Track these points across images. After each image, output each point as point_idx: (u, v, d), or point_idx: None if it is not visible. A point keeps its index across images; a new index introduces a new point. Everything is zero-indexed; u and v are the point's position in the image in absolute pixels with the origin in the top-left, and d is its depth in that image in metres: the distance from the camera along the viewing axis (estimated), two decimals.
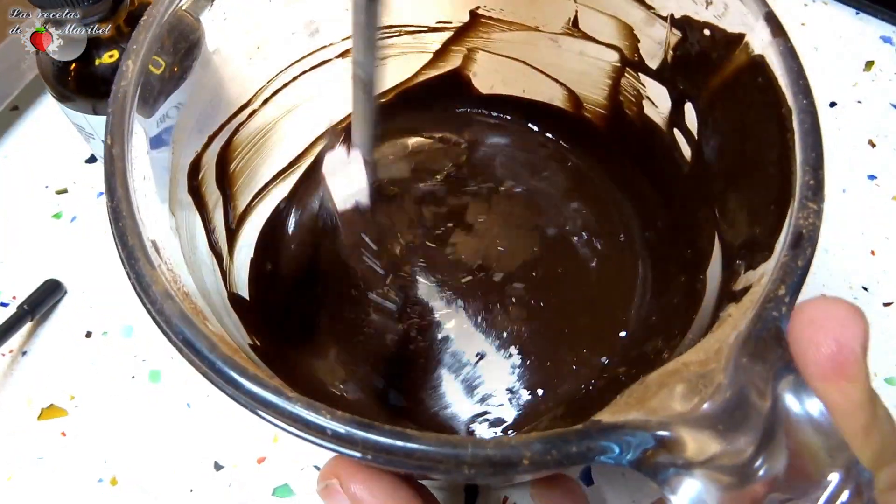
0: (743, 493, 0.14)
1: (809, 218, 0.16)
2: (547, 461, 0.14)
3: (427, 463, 0.14)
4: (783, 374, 0.14)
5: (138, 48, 0.20)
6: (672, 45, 0.23)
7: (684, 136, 0.24)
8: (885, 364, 0.33)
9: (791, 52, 0.19)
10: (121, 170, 0.18)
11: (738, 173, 0.21)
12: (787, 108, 0.18)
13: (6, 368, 0.32)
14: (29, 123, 0.38)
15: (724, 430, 0.14)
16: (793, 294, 0.15)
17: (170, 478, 0.30)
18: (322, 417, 0.15)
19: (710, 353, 0.15)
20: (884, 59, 0.40)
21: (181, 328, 0.16)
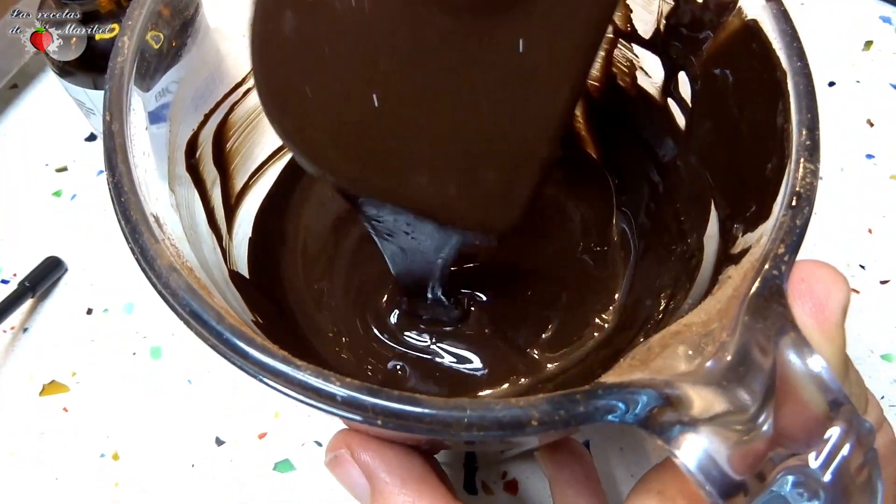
0: (748, 449, 0.14)
1: (807, 178, 0.16)
2: (555, 421, 0.14)
3: (437, 426, 0.14)
4: (785, 332, 0.14)
5: (133, 24, 0.20)
6: (665, 14, 0.23)
7: (678, 105, 0.24)
8: (883, 341, 0.33)
9: (784, 16, 0.19)
10: (121, 145, 0.18)
11: (733, 139, 0.21)
12: (782, 70, 0.18)
13: (7, 345, 0.32)
14: (28, 101, 0.38)
15: (728, 387, 0.14)
16: (792, 253, 0.16)
17: (171, 453, 0.30)
18: (332, 384, 0.15)
19: (711, 314, 0.15)
20: (883, 39, 0.40)
21: (188, 300, 0.16)
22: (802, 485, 0.13)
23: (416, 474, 0.18)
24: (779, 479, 0.14)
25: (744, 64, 0.20)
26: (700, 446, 0.14)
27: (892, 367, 0.32)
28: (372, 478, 0.18)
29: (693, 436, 0.14)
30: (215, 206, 0.25)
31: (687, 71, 0.23)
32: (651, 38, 0.24)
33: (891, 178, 0.37)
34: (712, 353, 0.14)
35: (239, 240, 0.26)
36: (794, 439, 0.14)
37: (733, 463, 0.14)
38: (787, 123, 0.18)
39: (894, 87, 0.39)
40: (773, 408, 0.14)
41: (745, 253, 0.17)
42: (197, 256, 0.20)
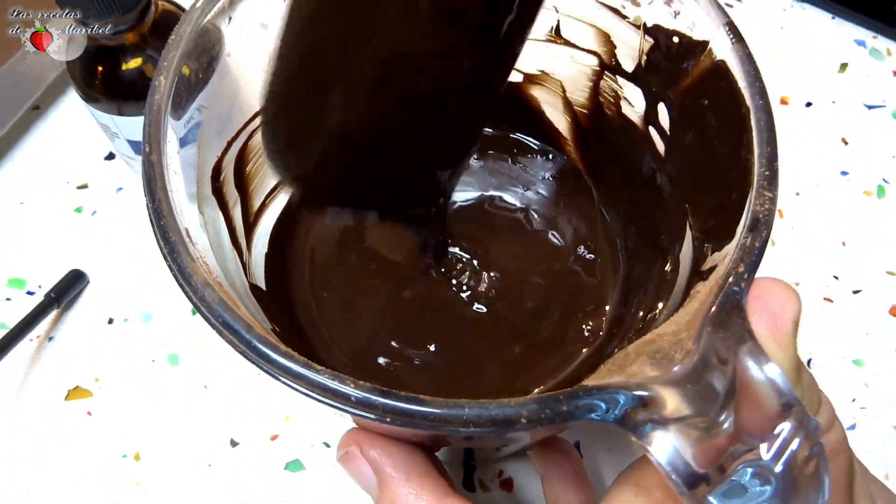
0: (710, 445, 0.16)
1: (765, 205, 0.18)
2: (541, 418, 0.16)
3: (439, 423, 0.16)
4: (744, 341, 0.16)
5: (168, 65, 0.22)
6: (645, 51, 0.25)
7: (658, 133, 0.26)
8: (854, 347, 0.35)
9: (749, 57, 0.21)
10: (159, 174, 0.20)
11: (705, 166, 0.23)
12: (746, 107, 0.20)
13: (34, 353, 0.34)
14: (50, 122, 0.40)
15: (693, 389, 0.16)
16: (751, 271, 0.18)
17: (189, 454, 0.32)
18: (347, 386, 0.17)
19: (681, 325, 0.17)
20: (857, 62, 0.43)
21: (220, 312, 0.18)
22: (758, 475, 0.15)
23: (419, 469, 0.20)
24: (738, 470, 0.16)
25: (714, 99, 0.22)
26: (669, 442, 0.16)
27: (863, 371, 0.34)
28: (379, 472, 0.20)
29: (663, 433, 0.16)
30: (236, 224, 0.27)
31: (665, 102, 0.25)
32: (633, 71, 0.26)
33: (864, 193, 0.39)
34: (680, 360, 0.16)
35: (257, 254, 0.28)
36: (751, 436, 0.16)
37: (697, 457, 0.16)
38: (750, 155, 0.20)
39: (868, 108, 0.41)
40: (734, 408, 0.16)
41: (713, 270, 0.19)
42: (223, 271, 0.22)
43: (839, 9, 0.44)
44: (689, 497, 0.15)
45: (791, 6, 0.44)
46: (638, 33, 0.25)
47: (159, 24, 0.29)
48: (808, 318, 0.35)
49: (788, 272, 0.37)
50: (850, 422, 0.33)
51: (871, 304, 0.36)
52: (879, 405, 0.34)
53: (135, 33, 0.28)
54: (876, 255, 0.37)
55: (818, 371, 0.34)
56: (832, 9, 0.44)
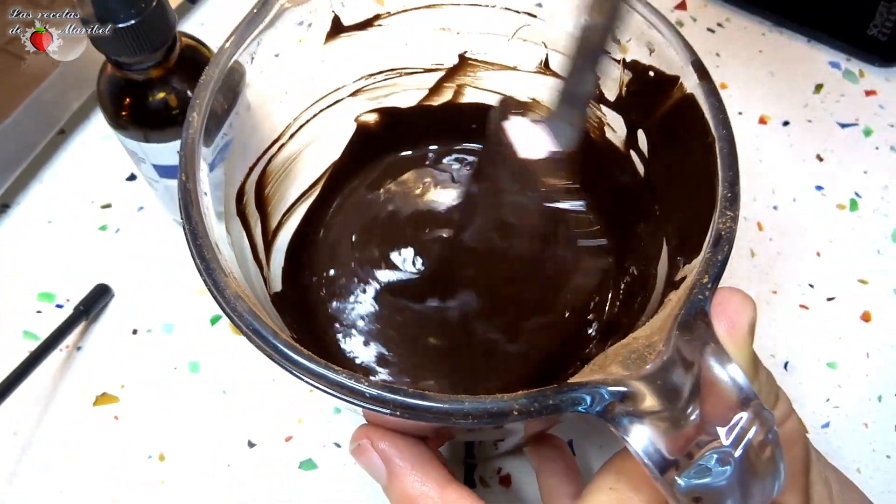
0: (679, 436, 0.18)
1: (727, 223, 0.21)
2: (531, 411, 0.18)
3: (441, 415, 0.18)
4: (707, 343, 0.19)
5: (200, 103, 0.24)
6: (625, 83, 0.28)
7: (638, 156, 0.28)
8: (828, 350, 0.37)
9: (714, 92, 0.23)
10: (195, 200, 0.22)
11: (678, 188, 0.25)
12: (712, 136, 0.23)
13: (63, 362, 0.37)
14: (75, 146, 0.42)
15: (663, 386, 0.18)
16: (714, 281, 0.20)
17: (209, 454, 0.34)
18: (361, 384, 0.19)
19: (654, 329, 0.20)
20: (831, 83, 0.45)
21: (251, 321, 0.20)
22: (721, 460, 0.18)
23: (423, 459, 0.22)
24: (704, 456, 0.18)
25: (684, 128, 0.25)
26: (644, 433, 0.18)
27: (836, 374, 0.37)
28: (388, 462, 0.23)
29: (639, 425, 0.18)
30: (257, 241, 0.29)
31: (643, 129, 0.28)
32: (615, 101, 0.29)
33: (837, 207, 0.41)
34: (651, 360, 0.19)
35: (275, 268, 0.31)
36: (715, 426, 0.18)
37: (668, 446, 0.18)
38: (715, 178, 0.22)
39: (841, 126, 0.44)
40: (699, 402, 0.18)
41: (683, 280, 0.22)
42: (248, 284, 0.25)
43: (814, 33, 0.46)
44: (661, 480, 0.18)
45: (769, 31, 0.47)
46: (619, 67, 0.28)
47: (183, 60, 0.32)
48: (785, 324, 0.38)
49: (767, 281, 0.39)
50: (825, 420, 0.36)
51: (844, 311, 0.38)
52: (851, 404, 0.36)
53: (161, 68, 0.31)
54: (849, 265, 0.40)
55: (795, 373, 0.37)
56: (808, 33, 0.46)
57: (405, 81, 0.33)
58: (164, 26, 0.29)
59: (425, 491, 0.22)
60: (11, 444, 0.35)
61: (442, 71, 0.32)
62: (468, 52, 0.31)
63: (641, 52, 0.26)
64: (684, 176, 0.25)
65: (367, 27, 0.30)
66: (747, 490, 0.18)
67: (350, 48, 0.30)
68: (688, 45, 0.24)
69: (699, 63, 0.24)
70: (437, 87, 0.33)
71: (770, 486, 0.18)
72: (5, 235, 0.40)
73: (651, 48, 0.26)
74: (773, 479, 0.19)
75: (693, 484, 0.18)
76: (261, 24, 0.26)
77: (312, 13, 0.28)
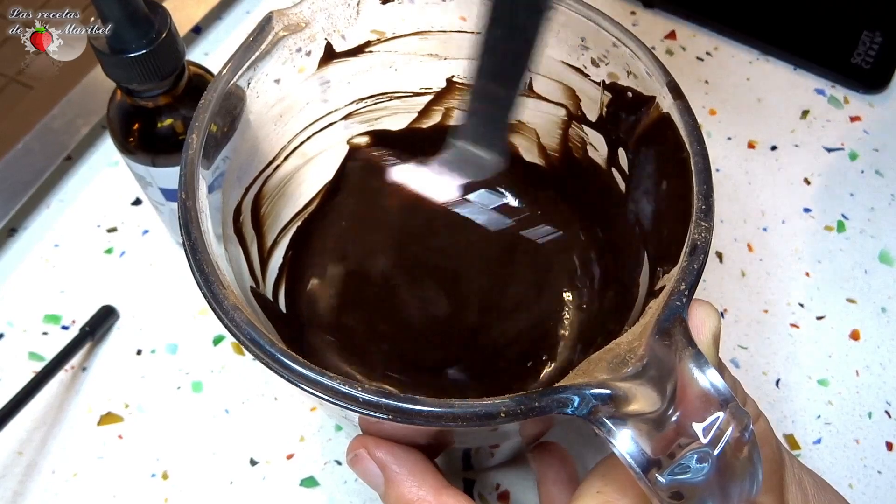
0: (661, 437, 0.19)
1: (702, 233, 0.22)
2: (517, 413, 0.19)
3: (432, 419, 0.19)
4: (686, 348, 0.20)
5: (200, 125, 0.25)
6: (605, 104, 0.29)
7: (619, 174, 0.29)
8: (819, 368, 0.38)
9: (688, 110, 0.24)
10: (194, 217, 0.23)
11: (657, 202, 0.26)
12: (687, 152, 0.23)
13: (69, 382, 0.37)
14: (81, 171, 0.44)
15: (644, 388, 0.19)
16: (690, 288, 0.21)
17: (212, 473, 0.35)
18: (355, 389, 0.19)
19: (635, 335, 0.21)
20: (818, 109, 0.47)
21: (248, 331, 0.21)
22: (700, 459, 0.19)
23: (420, 466, 0.23)
24: (685, 456, 0.19)
25: (661, 145, 0.26)
26: (627, 435, 0.19)
27: (826, 391, 0.38)
28: (385, 469, 0.23)
29: (622, 427, 0.19)
30: (253, 258, 0.30)
31: (624, 147, 0.29)
32: (596, 120, 0.30)
33: (825, 228, 0.42)
34: (632, 364, 0.20)
35: (269, 283, 0.32)
36: (693, 427, 0.19)
37: (651, 447, 0.19)
38: (690, 192, 0.23)
39: (827, 150, 0.45)
40: (679, 404, 0.19)
41: (663, 289, 0.22)
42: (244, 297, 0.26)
43: (800, 61, 0.48)
44: (644, 478, 0.18)
45: (756, 59, 0.49)
46: (598, 89, 0.29)
47: (190, 87, 0.33)
48: (776, 343, 0.39)
49: (758, 300, 0.40)
50: (816, 436, 0.37)
51: (834, 329, 0.39)
52: (842, 421, 0.37)
53: (169, 96, 0.32)
54: (837, 285, 0.41)
55: (786, 390, 0.38)
56: (794, 61, 0.48)
57: (395, 105, 0.34)
58: (173, 56, 0.30)
59: (422, 496, 0.22)
60: (17, 464, 0.35)
61: (430, 94, 0.34)
62: (455, 76, 0.33)
63: (620, 74, 0.27)
64: (662, 191, 0.26)
65: (359, 53, 0.31)
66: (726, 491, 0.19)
67: (342, 73, 0.31)
68: (663, 66, 0.25)
69: (674, 83, 0.25)
70: (426, 110, 0.34)
71: (748, 487, 0.19)
72: (13, 258, 0.41)
73: (628, 70, 0.27)
74: (751, 480, 0.19)
75: (672, 480, 0.18)
76: (257, 51, 0.27)
77: (306, 41, 0.29)
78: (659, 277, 0.24)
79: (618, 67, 0.27)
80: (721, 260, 0.41)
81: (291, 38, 0.28)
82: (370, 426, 0.24)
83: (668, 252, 0.24)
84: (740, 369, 0.38)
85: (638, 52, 0.26)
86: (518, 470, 0.35)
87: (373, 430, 0.24)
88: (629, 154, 0.28)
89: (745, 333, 0.39)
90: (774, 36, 0.48)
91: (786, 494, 0.22)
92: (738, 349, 0.39)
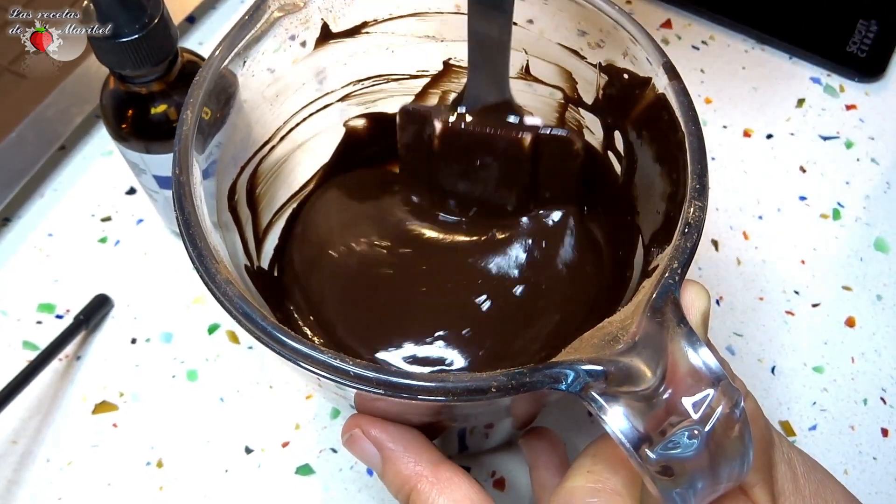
0: (652, 415, 0.19)
1: (696, 212, 0.22)
2: (508, 388, 0.19)
3: (423, 393, 0.19)
4: (678, 327, 0.19)
5: (194, 101, 0.25)
6: (601, 86, 0.29)
7: (615, 156, 0.29)
8: (814, 355, 0.38)
9: (684, 91, 0.24)
10: (188, 192, 0.23)
11: (652, 183, 0.26)
12: (682, 132, 0.23)
13: (63, 371, 0.37)
14: (75, 161, 0.43)
15: (636, 365, 0.19)
16: (683, 267, 0.21)
17: (207, 461, 0.35)
18: (346, 363, 0.19)
19: (627, 314, 0.20)
20: (813, 97, 0.47)
21: (241, 305, 0.21)
22: (690, 435, 0.19)
23: (416, 442, 0.23)
24: (676, 433, 0.19)
25: (657, 126, 0.26)
26: (619, 412, 0.19)
27: (822, 378, 0.38)
28: (381, 448, 0.23)
29: (615, 404, 0.19)
30: (248, 238, 0.30)
31: (619, 130, 0.29)
32: (593, 103, 0.30)
33: (821, 216, 0.42)
34: (624, 341, 0.20)
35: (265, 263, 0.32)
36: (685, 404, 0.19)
37: (642, 424, 0.19)
38: (685, 172, 0.23)
39: (823, 139, 0.45)
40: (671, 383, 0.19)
41: (656, 269, 0.22)
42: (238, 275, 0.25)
43: (796, 50, 0.48)
44: (634, 454, 0.18)
45: (752, 48, 0.49)
46: (595, 71, 0.29)
47: (184, 74, 0.33)
48: (772, 330, 0.39)
49: (753, 288, 0.40)
50: (812, 423, 0.37)
51: (829, 317, 0.39)
52: (838, 408, 0.37)
53: (162, 82, 0.32)
54: (833, 272, 0.41)
55: (782, 377, 0.38)
56: (790, 50, 0.48)
57: (392, 87, 0.34)
58: (166, 41, 0.30)
59: (419, 471, 0.22)
60: (11, 452, 0.35)
61: (427, 77, 0.33)
62: (452, 58, 0.32)
63: (615, 56, 0.27)
64: (657, 172, 0.26)
65: (355, 34, 0.31)
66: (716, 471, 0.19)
67: (339, 55, 0.31)
68: (658, 47, 0.25)
69: (669, 64, 0.25)
70: (423, 93, 0.34)
71: (738, 468, 0.19)
72: (7, 248, 0.41)
73: (624, 52, 0.27)
74: (741, 461, 0.19)
75: (662, 454, 0.18)
76: (252, 30, 0.27)
77: (302, 21, 0.29)
78: (653, 257, 0.24)
79: (615, 50, 0.27)
80: (717, 248, 0.41)
81: (287, 18, 0.28)
82: (365, 405, 0.24)
83: (662, 233, 0.24)
84: (736, 356, 0.38)
85: (636, 34, 0.26)
86: (514, 456, 0.35)
87: (368, 410, 0.24)
88: (625, 137, 0.28)
89: (741, 321, 0.39)
90: (770, 25, 0.48)
91: (775, 473, 0.22)
92: (733, 336, 0.39)
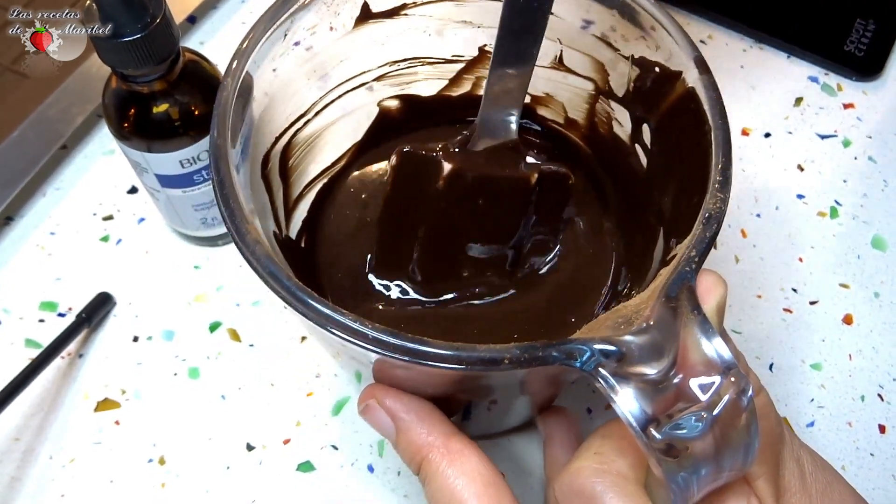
0: (662, 398, 0.19)
1: (717, 204, 0.22)
2: (521, 361, 0.19)
3: (438, 360, 0.19)
4: (692, 314, 0.20)
5: (237, 68, 0.26)
6: (633, 79, 0.29)
7: (642, 148, 0.30)
8: (812, 352, 0.39)
9: (713, 85, 0.25)
10: (223, 154, 0.24)
11: (676, 175, 0.27)
12: (709, 125, 0.24)
13: (66, 369, 0.37)
14: (77, 159, 0.44)
15: (647, 348, 0.19)
16: (701, 255, 0.21)
17: (209, 457, 0.35)
18: (366, 326, 0.20)
19: (643, 298, 0.21)
20: (811, 96, 0.47)
21: (268, 264, 0.21)
22: (697, 418, 0.19)
23: (429, 413, 0.23)
24: (684, 417, 0.19)
25: (685, 119, 0.26)
26: (629, 393, 0.19)
27: (819, 375, 0.38)
28: (395, 418, 0.23)
29: (626, 385, 0.19)
30: (279, 206, 0.31)
31: (647, 122, 0.29)
32: (623, 96, 0.30)
33: (818, 214, 0.43)
34: (638, 323, 0.20)
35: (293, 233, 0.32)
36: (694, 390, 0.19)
37: (651, 406, 0.19)
38: (709, 165, 0.23)
39: (821, 137, 0.45)
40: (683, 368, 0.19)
41: (675, 258, 0.22)
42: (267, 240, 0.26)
43: (794, 49, 0.48)
44: (641, 435, 0.19)
45: (750, 47, 0.49)
46: (627, 63, 0.29)
47: (185, 73, 0.33)
48: (770, 327, 0.39)
49: (751, 286, 0.40)
50: (810, 419, 0.37)
51: (827, 314, 0.39)
52: (835, 405, 0.37)
53: (164, 81, 0.32)
54: (830, 270, 0.41)
55: (780, 374, 0.38)
56: (787, 49, 0.48)
57: (427, 70, 0.34)
58: (168, 40, 0.30)
59: (431, 441, 0.23)
60: (14, 450, 0.35)
61: (462, 62, 0.34)
62: (488, 45, 0.33)
63: (647, 50, 0.28)
64: (682, 164, 0.26)
65: (394, 15, 0.31)
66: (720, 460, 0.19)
67: (377, 34, 0.32)
68: (691, 41, 0.26)
69: (701, 58, 0.25)
70: (457, 78, 0.34)
71: (742, 459, 0.19)
72: (9, 247, 0.41)
73: (657, 45, 0.27)
74: (745, 452, 0.19)
75: (667, 433, 0.19)
76: (295, 4, 0.27)
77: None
78: (672, 247, 0.24)
79: (648, 43, 0.27)
80: (715, 246, 0.41)
81: None
82: (383, 373, 0.24)
83: (682, 224, 0.24)
84: None
85: (670, 27, 0.26)
86: (518, 444, 0.35)
87: (385, 379, 0.24)
88: (652, 130, 0.29)
89: (739, 318, 0.39)
90: (768, 24, 0.49)
91: (782, 469, 0.23)
92: (731, 334, 0.39)
